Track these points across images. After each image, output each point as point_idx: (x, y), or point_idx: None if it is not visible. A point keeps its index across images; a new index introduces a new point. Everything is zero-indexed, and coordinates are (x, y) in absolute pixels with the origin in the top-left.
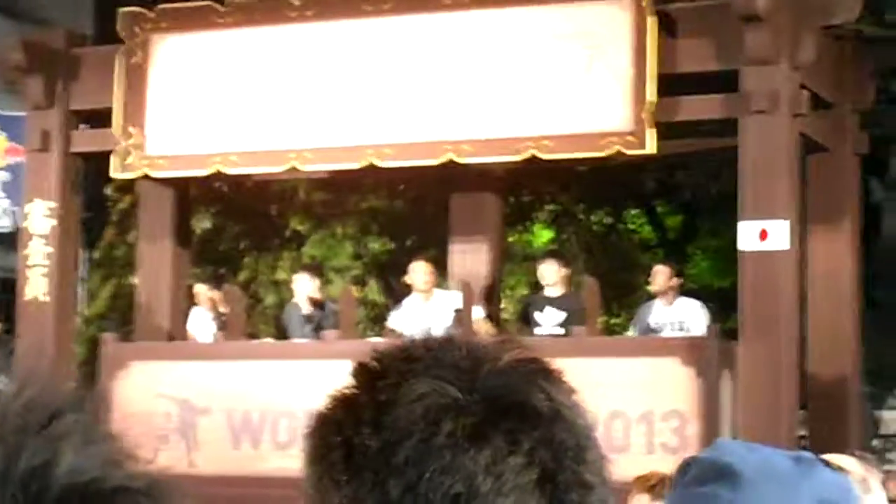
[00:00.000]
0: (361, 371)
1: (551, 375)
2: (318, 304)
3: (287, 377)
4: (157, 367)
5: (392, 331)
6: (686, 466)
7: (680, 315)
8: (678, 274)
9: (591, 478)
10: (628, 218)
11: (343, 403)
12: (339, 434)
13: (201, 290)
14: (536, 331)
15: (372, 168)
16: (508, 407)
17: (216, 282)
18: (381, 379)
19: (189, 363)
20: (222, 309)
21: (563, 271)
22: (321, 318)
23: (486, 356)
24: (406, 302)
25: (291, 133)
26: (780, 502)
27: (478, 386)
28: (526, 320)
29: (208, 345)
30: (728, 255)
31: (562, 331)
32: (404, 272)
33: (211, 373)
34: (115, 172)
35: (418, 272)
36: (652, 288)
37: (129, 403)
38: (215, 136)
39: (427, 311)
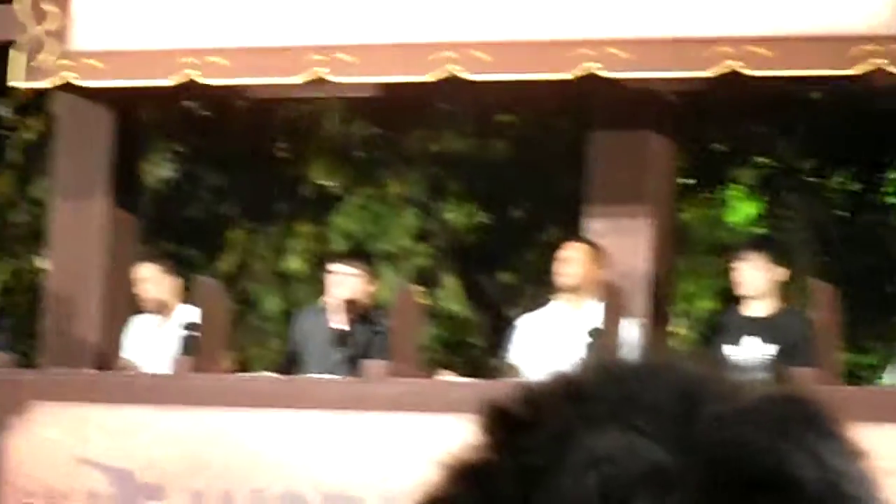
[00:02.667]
0: (499, 418)
1: (822, 425)
2: (361, 315)
3: (298, 437)
4: (77, 413)
5: (509, 367)
6: None
7: None
8: None
9: None
10: (890, 185)
11: (468, 473)
12: None
13: (148, 274)
14: None
15: (452, 84)
16: (748, 478)
17: (178, 270)
18: (533, 431)
19: (132, 409)
20: (187, 317)
21: (778, 273)
22: (364, 340)
23: (709, 392)
24: (532, 318)
25: (316, 22)
26: None
27: (696, 442)
28: (711, 355)
29: (163, 377)
30: None
31: (770, 376)
32: (508, 264)
33: (167, 426)
34: (17, 79)
35: (567, 259)
36: None
37: (30, 474)
38: (187, 22)
39: (571, 331)
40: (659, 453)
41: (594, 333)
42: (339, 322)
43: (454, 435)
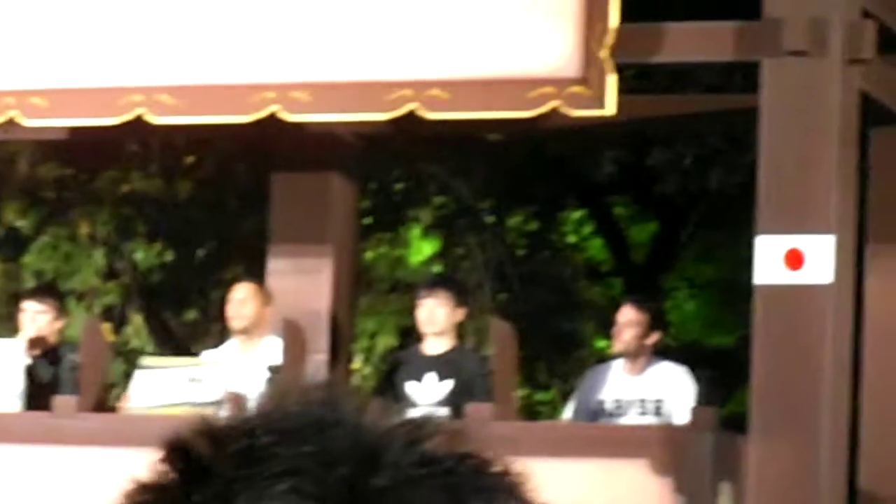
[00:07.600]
0: (176, 457)
1: (490, 486)
2: (49, 350)
3: None
4: None
5: (190, 404)
6: None
7: (653, 390)
8: (656, 324)
9: None
10: (567, 224)
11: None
12: None
13: None
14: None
15: (140, 126)
16: None
17: None
18: (201, 483)
19: None
20: None
21: (458, 312)
22: (53, 375)
23: (381, 449)
24: (213, 354)
25: (6, 67)
26: None
27: None
28: (391, 391)
29: None
30: (732, 291)
31: (448, 412)
32: (190, 302)
33: None
34: None
35: (241, 301)
36: (613, 344)
37: None
38: None
39: (248, 367)
40: None
41: (273, 370)
42: (29, 358)
43: (143, 469)
